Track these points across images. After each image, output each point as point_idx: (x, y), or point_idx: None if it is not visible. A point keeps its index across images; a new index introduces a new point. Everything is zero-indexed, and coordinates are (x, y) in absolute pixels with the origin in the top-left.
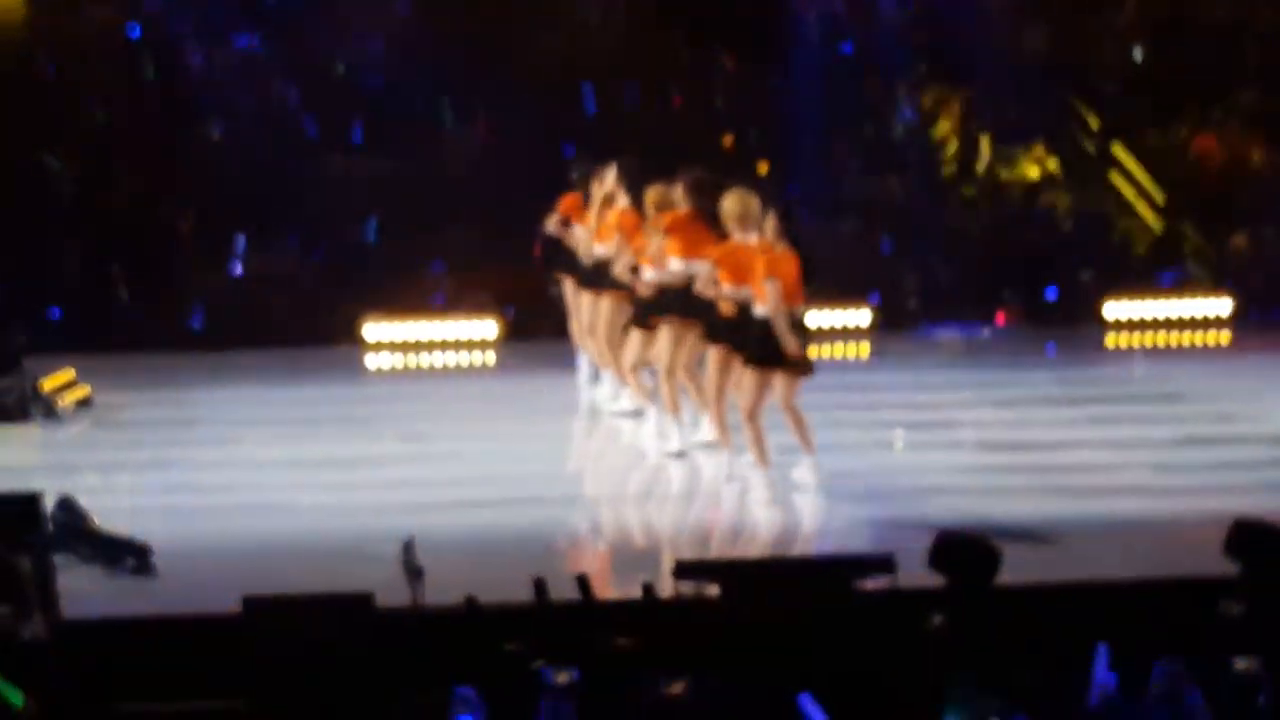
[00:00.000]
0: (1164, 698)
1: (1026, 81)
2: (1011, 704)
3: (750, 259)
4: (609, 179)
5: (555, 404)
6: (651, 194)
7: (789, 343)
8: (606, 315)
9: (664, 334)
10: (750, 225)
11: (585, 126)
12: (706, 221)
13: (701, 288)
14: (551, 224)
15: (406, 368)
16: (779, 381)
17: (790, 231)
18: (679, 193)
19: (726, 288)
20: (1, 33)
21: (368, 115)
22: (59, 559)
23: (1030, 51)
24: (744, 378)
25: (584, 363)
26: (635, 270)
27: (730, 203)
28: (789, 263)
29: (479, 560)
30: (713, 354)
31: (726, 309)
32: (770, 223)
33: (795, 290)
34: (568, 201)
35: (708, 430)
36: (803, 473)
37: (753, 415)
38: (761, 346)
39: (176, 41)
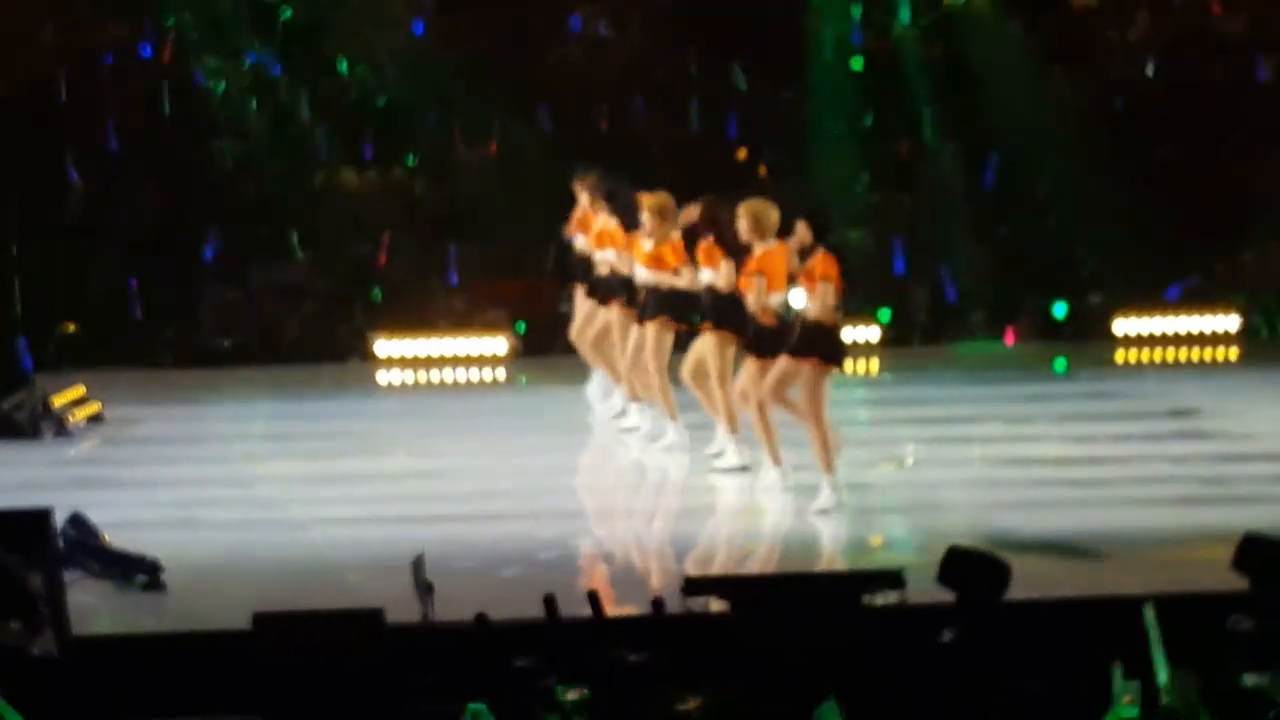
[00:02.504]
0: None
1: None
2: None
3: (781, 264)
4: (592, 191)
5: (565, 420)
6: (656, 200)
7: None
8: (618, 329)
9: (709, 343)
10: (768, 233)
11: (598, 142)
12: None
13: (754, 302)
14: (570, 230)
15: (417, 384)
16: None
17: (824, 236)
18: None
19: (775, 296)
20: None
21: (379, 131)
22: (69, 575)
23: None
24: (799, 383)
25: (595, 377)
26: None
27: (751, 210)
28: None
29: (489, 576)
30: (750, 365)
31: (767, 319)
32: (801, 230)
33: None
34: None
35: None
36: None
37: (818, 419)
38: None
39: (189, 59)
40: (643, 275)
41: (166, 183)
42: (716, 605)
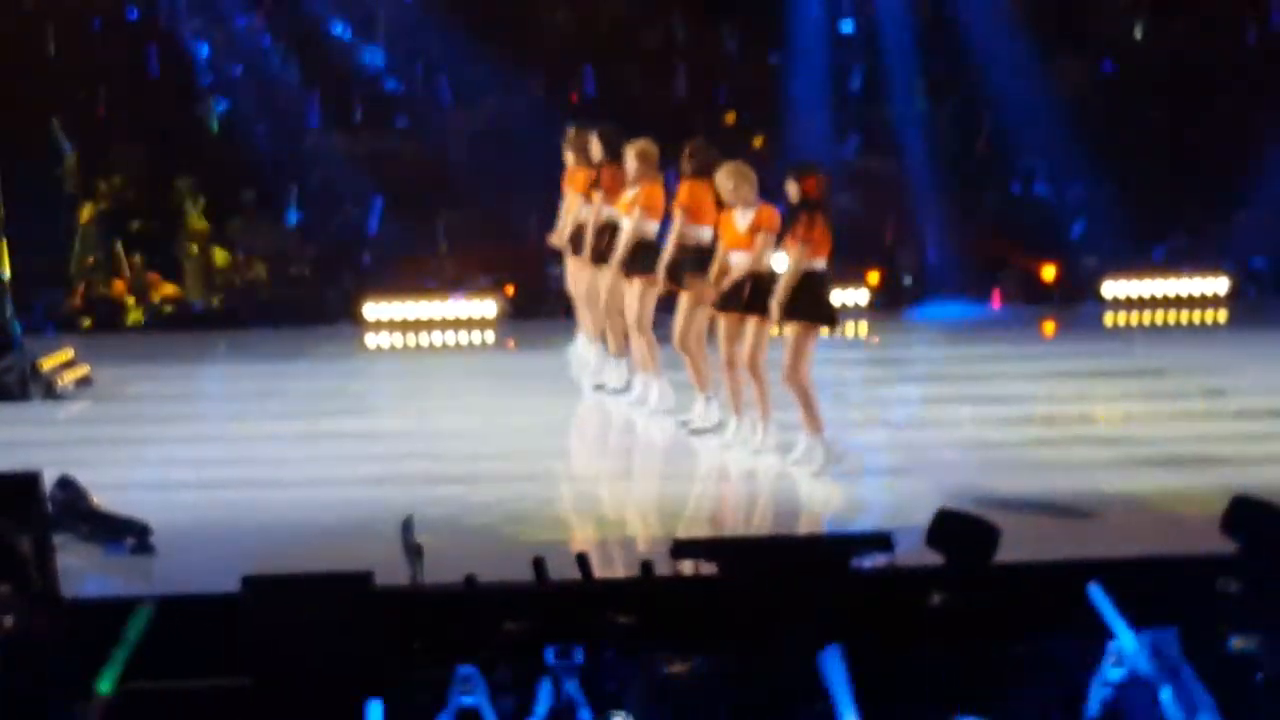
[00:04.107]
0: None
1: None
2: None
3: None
4: (595, 148)
5: (554, 383)
6: (641, 145)
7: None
8: (608, 287)
9: (683, 303)
10: (751, 195)
11: (587, 105)
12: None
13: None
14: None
15: (406, 347)
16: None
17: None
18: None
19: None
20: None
21: (368, 94)
22: (58, 538)
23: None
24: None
25: (579, 339)
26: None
27: (735, 171)
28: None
29: (478, 539)
30: (725, 322)
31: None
32: (793, 188)
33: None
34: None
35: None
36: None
37: (802, 379)
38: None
39: (177, 22)
40: (625, 225)
41: (154, 146)
42: (705, 568)
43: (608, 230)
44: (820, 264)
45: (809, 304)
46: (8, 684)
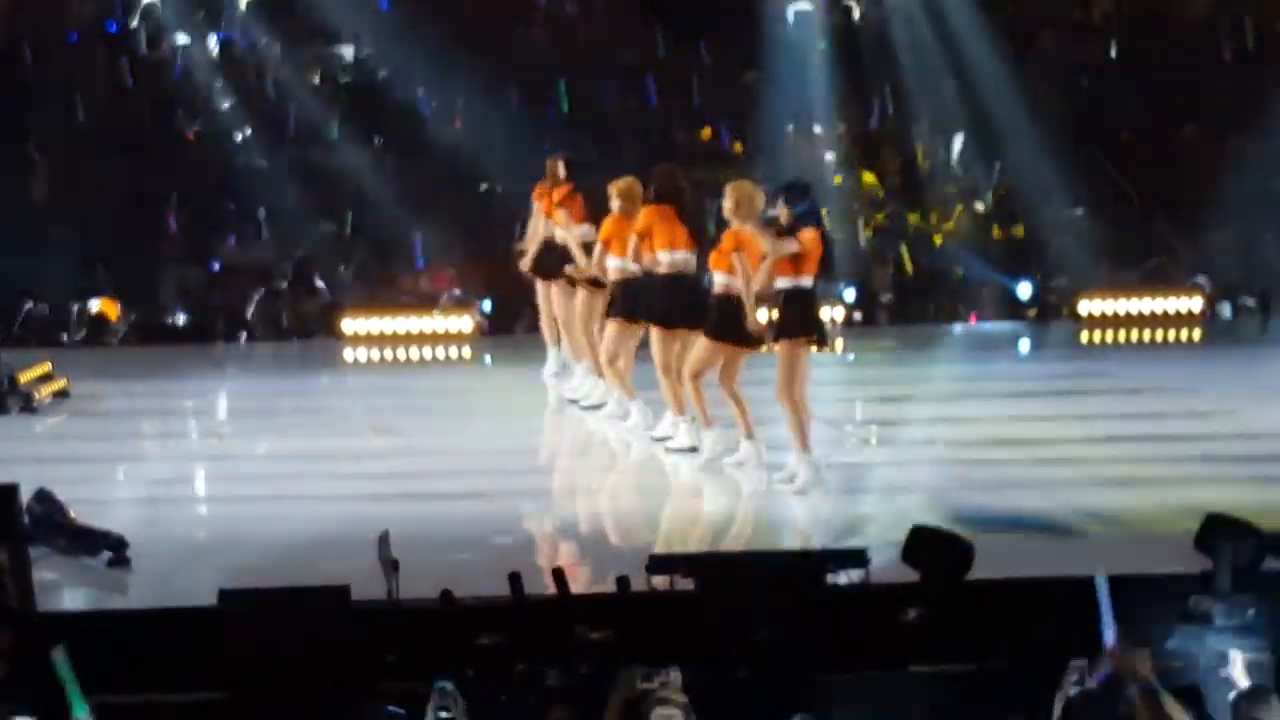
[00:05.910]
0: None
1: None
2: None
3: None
4: (560, 171)
5: (530, 398)
6: (622, 185)
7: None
8: (581, 306)
9: (653, 334)
10: (750, 217)
11: (563, 120)
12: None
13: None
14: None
15: (383, 361)
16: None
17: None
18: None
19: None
20: None
21: (347, 109)
22: (35, 551)
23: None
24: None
25: (551, 356)
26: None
27: (738, 190)
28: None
29: (454, 553)
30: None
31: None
32: (781, 209)
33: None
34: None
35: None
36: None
37: (795, 398)
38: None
39: (157, 36)
40: (613, 263)
41: (131, 160)
42: (681, 583)
43: (558, 249)
44: (808, 281)
45: (798, 321)
46: None
